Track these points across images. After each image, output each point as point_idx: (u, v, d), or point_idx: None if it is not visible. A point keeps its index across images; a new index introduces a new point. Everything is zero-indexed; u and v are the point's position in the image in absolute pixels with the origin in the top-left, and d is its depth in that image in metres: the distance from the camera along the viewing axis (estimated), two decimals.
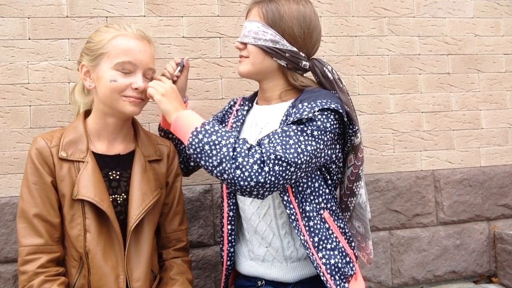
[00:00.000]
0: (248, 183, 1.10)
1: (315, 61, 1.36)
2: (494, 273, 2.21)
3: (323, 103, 1.21)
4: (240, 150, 1.12)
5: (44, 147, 1.26)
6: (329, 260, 1.25)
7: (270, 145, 1.14)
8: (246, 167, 1.10)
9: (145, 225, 1.32)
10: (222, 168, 1.12)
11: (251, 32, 1.31)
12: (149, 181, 1.32)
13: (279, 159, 1.11)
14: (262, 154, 1.12)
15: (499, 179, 2.22)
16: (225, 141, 1.13)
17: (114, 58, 1.25)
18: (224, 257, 1.41)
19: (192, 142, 1.15)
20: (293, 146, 1.14)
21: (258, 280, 1.37)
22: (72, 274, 1.26)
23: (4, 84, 1.74)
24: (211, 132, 1.15)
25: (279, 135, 1.17)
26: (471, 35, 2.23)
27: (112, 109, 1.29)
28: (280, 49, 1.29)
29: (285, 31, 1.29)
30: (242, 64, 1.36)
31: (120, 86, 1.26)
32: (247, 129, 1.41)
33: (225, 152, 1.12)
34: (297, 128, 1.18)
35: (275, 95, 1.38)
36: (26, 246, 1.21)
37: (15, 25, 1.75)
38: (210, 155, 1.13)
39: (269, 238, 1.33)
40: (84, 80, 1.32)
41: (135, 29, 1.31)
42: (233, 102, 1.59)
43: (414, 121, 2.15)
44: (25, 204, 1.24)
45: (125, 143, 1.38)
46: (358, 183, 1.38)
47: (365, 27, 2.11)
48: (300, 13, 1.30)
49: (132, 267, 1.27)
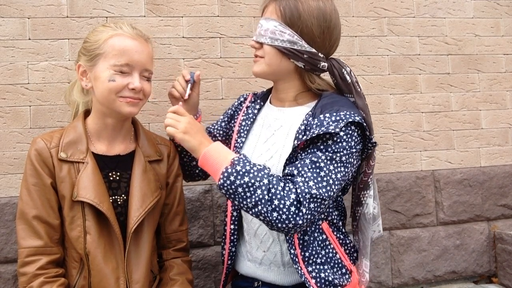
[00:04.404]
0: (286, 225, 1.09)
1: (334, 62, 1.30)
2: (494, 273, 2.21)
3: (347, 116, 1.17)
4: (275, 191, 1.09)
5: (43, 148, 1.25)
6: (319, 273, 1.24)
7: (304, 183, 1.11)
8: (283, 210, 1.08)
9: (145, 227, 1.31)
10: (258, 210, 1.09)
11: (268, 31, 1.25)
12: (149, 182, 1.32)
13: (314, 197, 1.10)
14: (297, 194, 1.09)
15: (499, 179, 2.22)
16: (259, 182, 1.10)
17: (110, 58, 1.24)
18: (226, 256, 1.40)
19: (224, 184, 1.11)
20: (324, 178, 1.12)
21: (255, 281, 1.37)
22: (72, 275, 1.25)
23: (4, 84, 1.74)
24: (242, 173, 1.10)
25: (308, 167, 1.13)
26: (471, 35, 2.23)
27: (109, 110, 1.28)
28: (298, 50, 1.24)
29: (304, 31, 1.23)
30: (257, 64, 1.31)
31: (117, 86, 1.24)
32: (257, 129, 1.38)
33: (260, 195, 1.09)
34: (326, 157, 1.14)
35: (289, 96, 1.34)
36: (26, 248, 1.21)
37: (15, 25, 1.75)
38: (244, 197, 1.10)
39: (268, 242, 1.31)
40: (80, 80, 1.30)
41: (131, 28, 1.29)
42: (243, 98, 1.54)
43: (414, 121, 2.15)
44: (24, 206, 1.23)
45: (125, 143, 1.37)
46: (365, 191, 1.34)
47: (365, 27, 2.11)
48: (320, 11, 1.23)
49: (131, 269, 1.27)
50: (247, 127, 1.39)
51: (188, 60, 1.91)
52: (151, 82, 1.33)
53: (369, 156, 1.31)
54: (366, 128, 1.22)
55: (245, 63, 1.96)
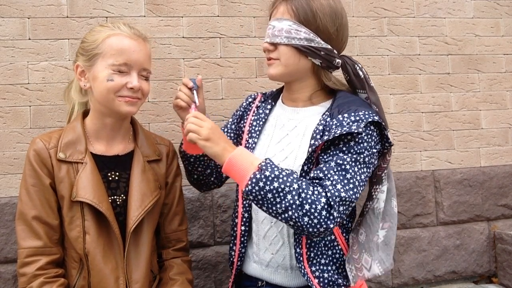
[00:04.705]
0: (318, 229, 1.08)
1: (346, 59, 1.30)
2: (494, 273, 2.21)
3: (366, 116, 1.17)
4: (306, 196, 1.08)
5: (42, 148, 1.25)
6: (322, 274, 1.24)
7: (333, 186, 1.10)
8: (315, 214, 1.07)
9: (145, 226, 1.31)
10: (288, 215, 1.08)
11: (283, 31, 1.23)
12: (148, 182, 1.32)
13: (343, 200, 1.10)
14: (328, 198, 1.09)
15: (499, 179, 2.22)
16: (289, 187, 1.08)
17: (108, 58, 1.23)
18: (235, 258, 1.38)
19: (252, 190, 1.09)
20: (351, 180, 1.12)
21: (259, 281, 1.36)
22: (72, 275, 1.25)
23: (4, 84, 1.74)
24: (272, 178, 1.08)
25: (334, 170, 1.13)
26: (471, 35, 2.23)
27: (108, 109, 1.28)
28: (316, 47, 1.23)
29: (319, 28, 1.22)
30: (273, 67, 1.27)
31: (115, 85, 1.23)
32: (269, 129, 1.37)
33: (290, 200, 1.07)
34: (351, 159, 1.14)
35: (304, 96, 1.33)
36: (25, 249, 1.21)
37: (15, 25, 1.76)
38: (274, 202, 1.09)
39: (277, 245, 1.30)
40: (79, 80, 1.30)
41: (129, 28, 1.29)
42: (252, 98, 1.51)
43: (414, 121, 2.15)
44: (23, 206, 1.23)
45: (124, 143, 1.37)
46: (378, 186, 1.32)
47: (365, 27, 2.11)
48: (332, 9, 1.24)
49: (131, 269, 1.27)
50: (258, 127, 1.37)
51: (188, 60, 1.91)
52: (149, 81, 1.33)
53: (386, 152, 1.30)
54: (384, 128, 1.22)
55: (245, 63, 1.96)
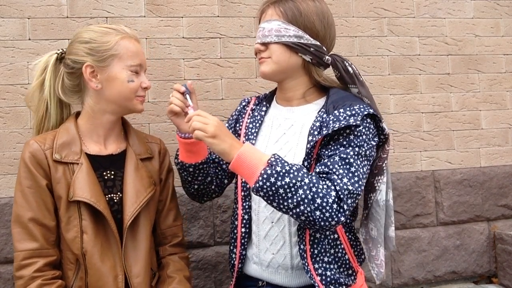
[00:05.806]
0: (329, 223, 1.10)
1: (335, 56, 1.35)
2: (494, 273, 2.21)
3: (361, 109, 1.21)
4: (317, 190, 1.10)
5: (38, 150, 1.25)
6: (325, 271, 1.25)
7: (340, 180, 1.13)
8: (326, 208, 1.09)
9: (141, 222, 1.32)
10: (300, 210, 1.10)
11: (272, 30, 1.28)
12: (142, 179, 1.34)
13: (351, 193, 1.13)
14: (337, 192, 1.11)
15: (499, 180, 2.22)
16: (300, 182, 1.10)
17: (126, 60, 1.29)
18: (236, 260, 1.38)
19: (264, 186, 1.10)
20: (355, 173, 1.15)
21: (259, 281, 1.36)
22: (68, 277, 1.25)
23: (4, 84, 1.74)
24: (283, 174, 1.10)
25: (339, 164, 1.15)
26: (471, 36, 2.23)
27: (121, 108, 1.33)
28: (305, 43, 1.28)
29: (307, 26, 1.28)
30: (265, 65, 1.31)
31: (136, 86, 1.31)
32: (266, 130, 1.38)
33: (302, 194, 1.09)
34: (354, 152, 1.17)
35: (297, 94, 1.35)
36: (22, 251, 1.21)
37: (15, 25, 1.76)
38: (285, 197, 1.10)
39: (278, 244, 1.30)
40: (89, 81, 1.30)
41: (129, 29, 1.36)
42: (246, 101, 1.53)
43: (414, 121, 2.15)
44: (19, 209, 1.23)
45: (117, 142, 1.39)
46: (380, 177, 1.35)
47: (365, 28, 2.11)
48: (318, 9, 1.30)
49: (130, 264, 1.28)
50: (255, 129, 1.39)
51: (188, 60, 1.91)
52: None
53: (384, 143, 1.33)
54: (379, 120, 1.26)
55: (245, 64, 1.96)
